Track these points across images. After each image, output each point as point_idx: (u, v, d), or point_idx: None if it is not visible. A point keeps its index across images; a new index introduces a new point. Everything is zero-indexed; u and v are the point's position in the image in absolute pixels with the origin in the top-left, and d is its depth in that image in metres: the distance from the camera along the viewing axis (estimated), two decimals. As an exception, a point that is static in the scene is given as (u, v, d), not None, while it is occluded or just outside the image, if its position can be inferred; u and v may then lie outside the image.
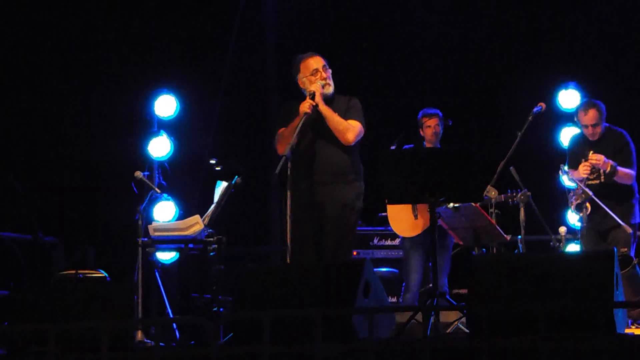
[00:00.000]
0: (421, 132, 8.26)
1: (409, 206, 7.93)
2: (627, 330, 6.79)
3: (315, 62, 6.84)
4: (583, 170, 7.76)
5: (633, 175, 7.77)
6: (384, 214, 8.71)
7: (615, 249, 5.67)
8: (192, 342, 6.72)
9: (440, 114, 8.24)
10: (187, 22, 9.88)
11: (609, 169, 7.66)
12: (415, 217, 7.87)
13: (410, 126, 8.40)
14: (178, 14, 9.84)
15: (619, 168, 7.69)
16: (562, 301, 5.29)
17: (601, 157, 7.69)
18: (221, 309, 7.05)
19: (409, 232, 8.06)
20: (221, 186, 7.42)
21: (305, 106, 6.60)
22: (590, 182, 7.77)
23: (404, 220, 8.03)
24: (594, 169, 7.77)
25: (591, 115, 7.89)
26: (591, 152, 7.76)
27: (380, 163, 6.43)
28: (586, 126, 7.92)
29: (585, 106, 8.01)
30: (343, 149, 6.72)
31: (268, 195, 10.04)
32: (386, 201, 6.68)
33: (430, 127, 8.18)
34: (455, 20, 10.58)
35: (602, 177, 7.77)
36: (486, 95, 10.55)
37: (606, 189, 7.74)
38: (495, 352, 4.71)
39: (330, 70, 6.87)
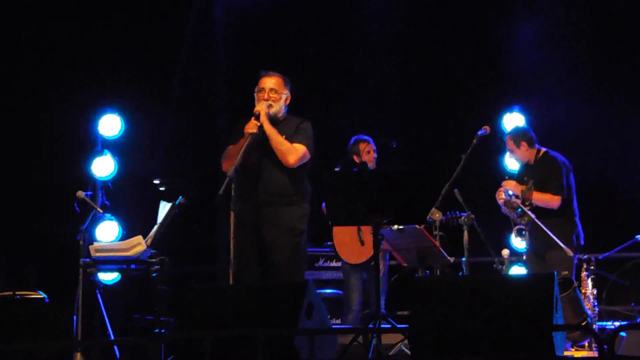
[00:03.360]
0: (355, 159, 8.34)
1: (355, 232, 7.99)
2: (566, 353, 6.86)
3: (266, 81, 6.82)
4: (498, 195, 7.97)
5: (554, 199, 7.86)
6: (329, 242, 8.74)
7: (556, 272, 5.71)
8: (133, 363, 6.65)
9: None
10: (135, 40, 9.81)
11: (519, 193, 7.87)
12: (362, 243, 7.90)
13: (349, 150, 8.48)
14: (125, 31, 9.77)
15: (535, 192, 7.84)
16: (502, 323, 5.32)
17: (511, 183, 7.97)
18: (163, 330, 6.97)
19: (356, 259, 8.15)
20: (165, 206, 7.36)
21: (249, 126, 6.59)
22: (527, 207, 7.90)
23: (350, 246, 8.09)
24: (510, 196, 7.91)
25: (508, 144, 8.26)
26: (506, 178, 8.05)
27: (324, 184, 6.43)
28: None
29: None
30: (287, 170, 6.70)
31: (214, 216, 9.99)
32: (330, 224, 6.66)
33: (370, 153, 8.29)
34: (402, 44, 10.66)
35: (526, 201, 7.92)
36: (431, 117, 10.63)
37: (543, 212, 7.84)
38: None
39: (285, 92, 6.85)
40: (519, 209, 7.84)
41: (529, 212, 7.77)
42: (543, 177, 7.94)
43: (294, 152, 6.69)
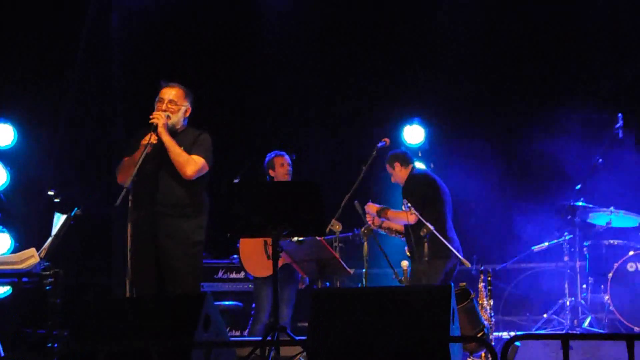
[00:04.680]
0: (272, 173, 8.32)
1: (262, 246, 7.96)
2: (463, 363, 6.92)
3: (166, 92, 6.76)
4: (368, 219, 8.29)
5: (408, 216, 7.98)
6: (235, 256, 8.69)
7: (452, 284, 5.76)
8: (24, 379, 6.45)
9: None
10: (28, 48, 9.59)
11: (375, 213, 8.19)
12: (268, 257, 7.86)
13: (255, 160, 8.43)
14: (18, 39, 9.55)
15: (389, 211, 8.20)
16: (400, 334, 5.33)
17: (370, 206, 8.28)
18: (56, 345, 6.79)
19: (262, 272, 8.13)
20: (60, 218, 7.18)
21: (146, 139, 6.50)
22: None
23: (256, 260, 8.06)
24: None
25: (387, 168, 8.44)
26: (370, 201, 8.32)
27: (223, 195, 6.36)
28: None
29: None
30: (184, 182, 6.65)
31: (110, 227, 9.82)
32: (228, 236, 6.60)
33: (284, 166, 8.27)
34: (301, 53, 10.67)
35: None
36: (332, 129, 10.65)
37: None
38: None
39: (185, 104, 6.78)
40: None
41: (428, 224, 7.85)
42: (405, 195, 8.10)
43: (192, 164, 6.63)
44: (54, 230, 7.19)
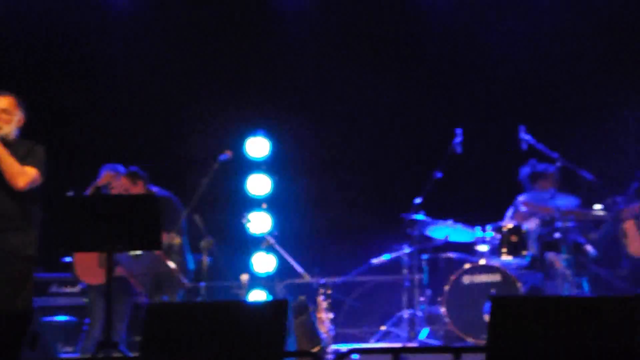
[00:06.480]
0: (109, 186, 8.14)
1: (95, 253, 7.76)
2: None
3: None
4: None
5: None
6: (67, 259, 8.47)
7: (291, 298, 5.75)
8: None
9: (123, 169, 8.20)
10: None
11: None
12: (101, 265, 7.68)
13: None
14: None
15: None
16: (234, 350, 5.28)
17: None
18: None
19: (93, 280, 7.91)
20: None
21: None
22: None
23: (89, 266, 7.85)
24: None
25: (122, 182, 8.10)
26: None
27: (56, 210, 6.18)
28: None
29: None
30: (14, 194, 6.48)
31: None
32: (58, 250, 6.43)
33: (116, 180, 8.08)
34: (141, 55, 10.51)
35: None
36: (173, 141, 10.50)
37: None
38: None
39: (18, 114, 6.62)
40: None
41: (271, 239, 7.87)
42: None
43: (24, 175, 6.48)
44: None
